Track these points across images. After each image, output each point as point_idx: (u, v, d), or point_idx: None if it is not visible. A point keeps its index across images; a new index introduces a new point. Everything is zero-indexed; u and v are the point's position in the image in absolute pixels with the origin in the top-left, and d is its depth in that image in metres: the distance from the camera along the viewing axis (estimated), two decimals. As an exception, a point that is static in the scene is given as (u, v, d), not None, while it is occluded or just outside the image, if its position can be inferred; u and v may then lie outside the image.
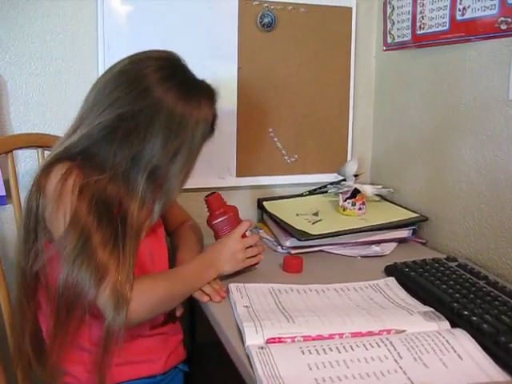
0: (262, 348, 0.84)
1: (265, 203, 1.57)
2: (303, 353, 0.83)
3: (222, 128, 1.56)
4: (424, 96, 1.48)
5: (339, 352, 0.83)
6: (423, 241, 1.47)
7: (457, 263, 1.21)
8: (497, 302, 0.98)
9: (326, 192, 1.64)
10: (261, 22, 1.54)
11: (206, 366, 1.28)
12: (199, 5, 1.48)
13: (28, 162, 1.41)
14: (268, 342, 0.87)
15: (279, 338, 0.87)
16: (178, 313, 1.12)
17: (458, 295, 1.02)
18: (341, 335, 0.89)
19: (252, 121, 1.60)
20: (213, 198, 1.19)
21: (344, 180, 1.58)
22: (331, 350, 0.83)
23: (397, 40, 1.54)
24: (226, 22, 1.52)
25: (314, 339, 0.88)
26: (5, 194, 1.32)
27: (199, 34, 1.49)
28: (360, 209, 1.49)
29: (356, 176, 1.59)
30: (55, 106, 1.41)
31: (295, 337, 0.88)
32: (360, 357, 0.82)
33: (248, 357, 0.84)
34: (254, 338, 0.87)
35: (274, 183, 1.67)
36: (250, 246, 1.17)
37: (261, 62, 1.58)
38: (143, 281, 0.99)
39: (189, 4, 1.47)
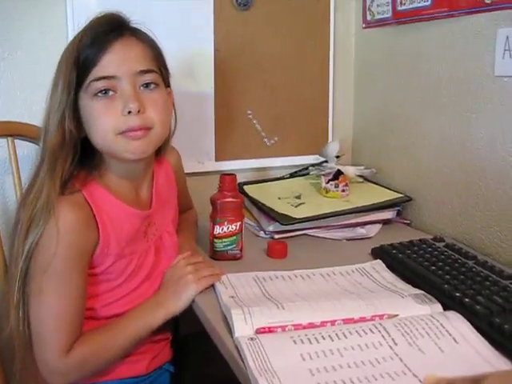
0: (251, 339, 0.80)
1: (245, 187, 1.53)
2: (295, 342, 0.80)
3: (198, 111, 1.54)
4: (406, 74, 1.45)
5: (332, 340, 0.80)
6: (408, 221, 1.45)
7: (444, 243, 1.19)
8: (488, 283, 0.96)
9: (308, 174, 1.61)
10: (237, 1, 1.49)
11: (193, 359, 1.24)
12: (173, -16, 1.42)
13: (-2, 152, 1.35)
14: (258, 332, 0.84)
15: (269, 328, 0.84)
16: None
17: (448, 276, 1.00)
18: (333, 322, 0.86)
19: (230, 103, 1.56)
20: (229, 178, 1.17)
21: (326, 161, 1.55)
22: (324, 339, 0.80)
23: (377, 17, 1.51)
24: (201, 2, 1.46)
25: (305, 328, 0.85)
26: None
27: (173, 15, 1.44)
28: (343, 190, 1.46)
29: (338, 157, 1.55)
30: (25, 92, 1.35)
31: (286, 326, 0.85)
32: (354, 344, 0.79)
33: (237, 349, 0.81)
34: (243, 329, 0.84)
35: (255, 166, 1.63)
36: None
37: (238, 41, 1.53)
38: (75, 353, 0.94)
39: (162, -17, 1.41)
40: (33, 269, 0.93)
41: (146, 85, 0.99)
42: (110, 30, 0.97)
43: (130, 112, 0.95)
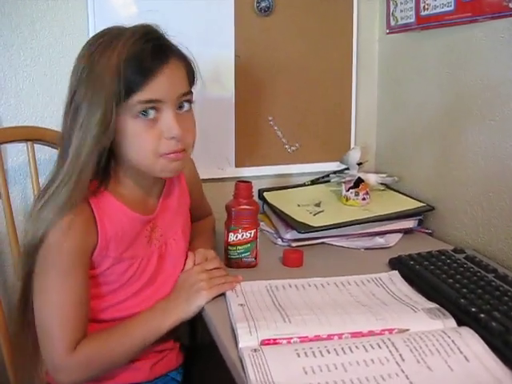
0: (255, 351, 0.79)
1: (265, 194, 1.52)
2: (299, 355, 0.78)
3: (219, 117, 1.53)
4: (429, 80, 1.42)
5: (337, 354, 0.78)
6: (430, 231, 1.41)
7: (464, 255, 1.15)
8: (506, 298, 0.92)
9: (329, 181, 1.59)
10: (258, 6, 1.48)
11: (205, 368, 1.23)
12: (193, -10, 1.42)
13: (20, 156, 1.37)
14: (262, 343, 0.82)
15: (274, 340, 0.82)
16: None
17: (465, 290, 0.96)
18: (340, 336, 0.84)
19: (251, 109, 1.55)
20: (244, 185, 1.17)
21: (347, 169, 1.53)
22: (329, 353, 0.78)
23: (400, 22, 1.47)
24: (222, 7, 1.46)
25: (311, 340, 0.83)
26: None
27: (194, 20, 1.44)
28: (363, 199, 1.44)
29: (360, 164, 1.53)
30: (46, 97, 1.37)
31: (291, 338, 0.83)
32: (359, 359, 0.77)
33: (241, 360, 0.79)
34: (247, 340, 0.82)
35: (275, 173, 1.62)
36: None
37: (259, 47, 1.52)
38: (81, 351, 0.93)
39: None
40: (36, 272, 0.94)
41: (182, 105, 0.99)
42: (157, 56, 0.94)
43: (173, 137, 0.96)
